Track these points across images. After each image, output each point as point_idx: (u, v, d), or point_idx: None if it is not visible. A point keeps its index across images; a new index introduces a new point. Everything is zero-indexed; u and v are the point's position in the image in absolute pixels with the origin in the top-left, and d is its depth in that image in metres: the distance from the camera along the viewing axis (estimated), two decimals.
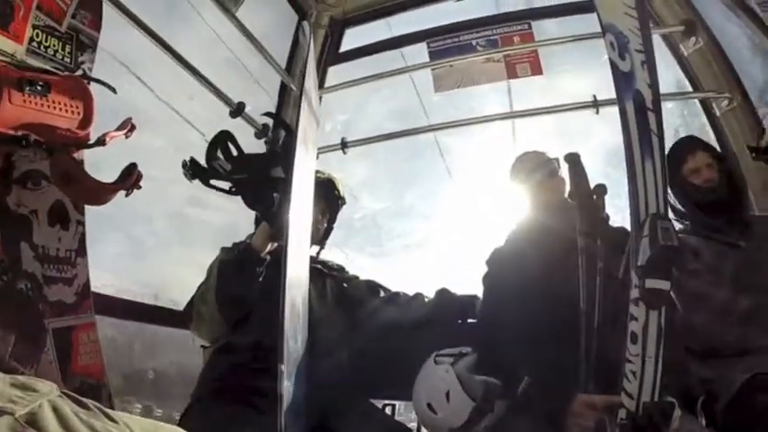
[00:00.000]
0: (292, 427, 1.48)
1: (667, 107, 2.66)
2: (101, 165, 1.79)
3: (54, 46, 1.72)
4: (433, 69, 3.30)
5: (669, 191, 1.82)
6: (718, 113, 2.77)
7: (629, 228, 1.50)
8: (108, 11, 1.93)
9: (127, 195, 1.76)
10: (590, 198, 1.74)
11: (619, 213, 1.80)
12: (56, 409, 0.57)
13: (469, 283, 2.30)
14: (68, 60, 1.76)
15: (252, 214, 2.20)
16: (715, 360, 1.76)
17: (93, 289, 1.88)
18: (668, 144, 1.84)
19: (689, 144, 2.11)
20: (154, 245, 2.70)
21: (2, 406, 0.54)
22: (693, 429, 1.54)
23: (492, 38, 3.21)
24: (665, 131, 1.47)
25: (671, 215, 1.77)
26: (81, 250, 1.82)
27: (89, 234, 1.88)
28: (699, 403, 1.57)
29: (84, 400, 0.63)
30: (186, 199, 1.89)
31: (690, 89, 2.90)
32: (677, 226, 2.00)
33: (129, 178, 1.74)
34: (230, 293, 1.93)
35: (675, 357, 1.40)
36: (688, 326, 1.77)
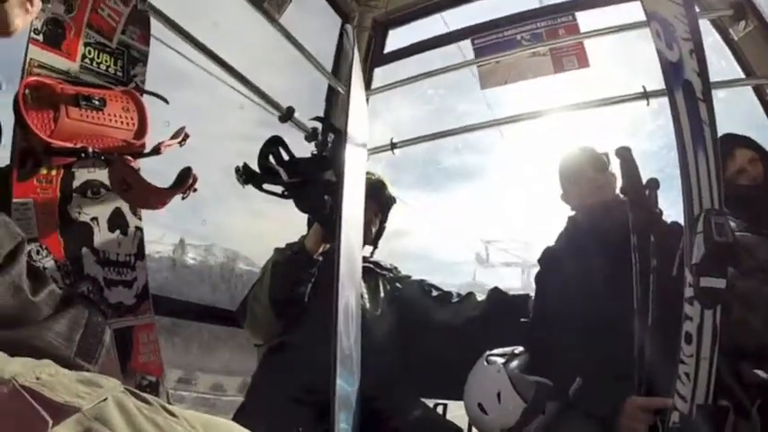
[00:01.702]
0: (345, 424, 1.50)
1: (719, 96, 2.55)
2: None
3: (106, 62, 1.78)
4: (478, 66, 3.27)
5: None
6: None
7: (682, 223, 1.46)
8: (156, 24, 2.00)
9: (183, 198, 1.83)
10: (642, 193, 1.69)
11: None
12: (120, 405, 0.60)
13: None
14: (121, 74, 1.83)
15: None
16: None
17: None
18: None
19: (724, 144, 2.01)
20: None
21: (69, 401, 0.57)
22: None
23: (536, 31, 3.14)
24: None
25: None
26: (140, 254, 1.89)
27: None
28: (755, 408, 1.51)
29: (146, 395, 0.66)
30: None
31: (742, 75, 2.77)
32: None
33: (185, 182, 1.80)
34: (283, 294, 1.97)
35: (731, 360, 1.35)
36: (743, 327, 1.71)
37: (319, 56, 3.12)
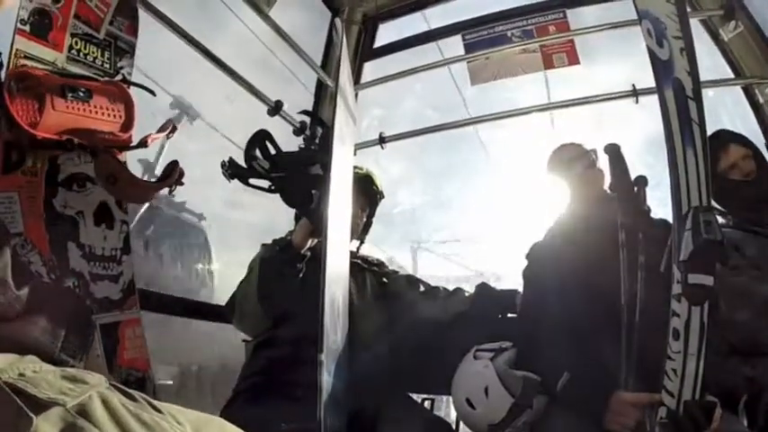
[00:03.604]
0: (332, 419, 1.49)
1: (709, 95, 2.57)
2: None
3: (93, 53, 1.76)
4: (468, 62, 3.27)
5: None
6: (761, 100, 2.67)
7: (671, 220, 1.47)
8: (144, 16, 1.97)
9: (170, 193, 1.81)
10: (631, 190, 1.70)
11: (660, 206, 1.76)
12: (105, 401, 0.59)
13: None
14: (108, 66, 1.81)
15: (290, 211, 2.23)
16: (758, 358, 1.70)
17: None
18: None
19: (719, 140, 2.04)
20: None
21: (54, 397, 0.56)
22: (736, 430, 1.50)
23: (527, 28, 3.15)
24: None
25: None
26: (126, 248, 1.87)
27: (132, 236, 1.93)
28: (741, 403, 1.53)
29: (132, 391, 0.65)
30: (224, 200, 1.96)
31: (731, 76, 2.80)
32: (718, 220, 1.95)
33: (171, 176, 1.79)
34: (271, 289, 1.96)
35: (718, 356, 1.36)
36: (730, 323, 1.72)
37: (309, 50, 3.11)
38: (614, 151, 1.75)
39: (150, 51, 2.00)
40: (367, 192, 2.34)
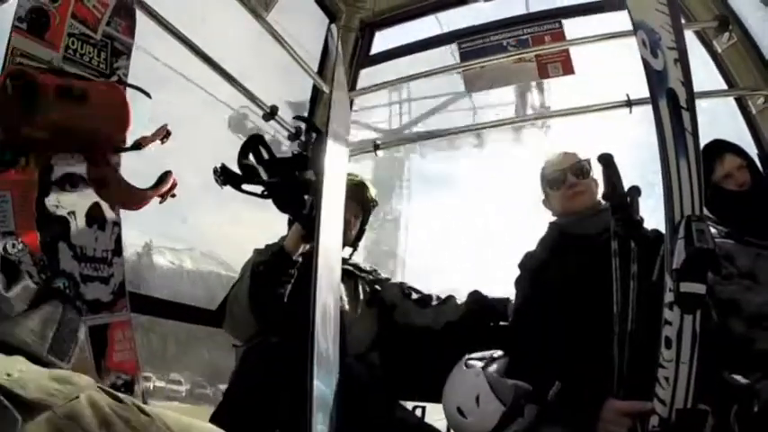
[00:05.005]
0: (322, 426, 1.49)
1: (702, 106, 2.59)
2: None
3: (90, 53, 1.76)
4: (463, 71, 3.29)
5: None
6: (753, 111, 2.70)
7: (663, 231, 1.47)
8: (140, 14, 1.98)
9: (161, 202, 1.80)
10: (624, 200, 1.71)
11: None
12: (93, 403, 0.59)
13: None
14: (104, 67, 1.80)
15: None
16: (750, 368, 1.70)
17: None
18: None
19: (715, 149, 2.05)
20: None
21: (41, 399, 0.55)
22: None
23: (523, 38, 3.16)
24: None
25: None
26: (117, 250, 1.86)
27: None
28: (733, 412, 1.53)
29: (120, 394, 0.64)
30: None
31: (725, 87, 2.82)
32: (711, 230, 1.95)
33: (164, 184, 1.78)
34: (263, 295, 1.96)
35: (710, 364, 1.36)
36: (722, 332, 1.73)
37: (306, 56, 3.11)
38: (607, 161, 1.76)
39: None
40: (360, 199, 2.34)
